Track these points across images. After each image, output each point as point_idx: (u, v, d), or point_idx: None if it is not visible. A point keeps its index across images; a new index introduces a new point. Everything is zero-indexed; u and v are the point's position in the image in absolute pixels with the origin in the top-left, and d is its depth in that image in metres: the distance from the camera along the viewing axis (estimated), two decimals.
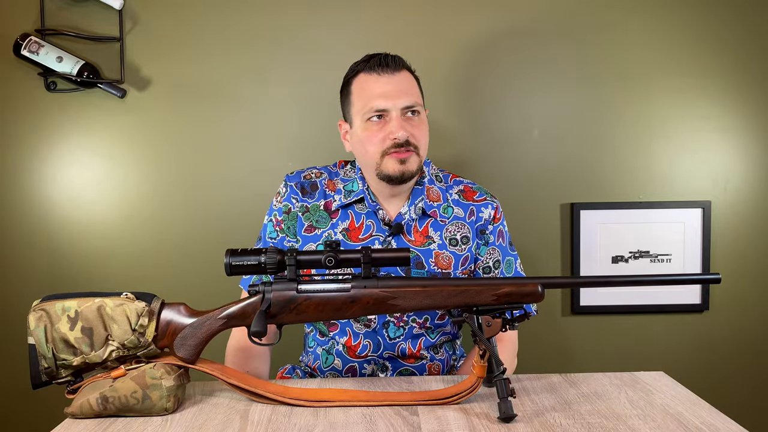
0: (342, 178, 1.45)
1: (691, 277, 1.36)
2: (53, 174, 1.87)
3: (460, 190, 1.47)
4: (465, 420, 1.06)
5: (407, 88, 1.36)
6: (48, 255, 1.88)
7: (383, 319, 1.39)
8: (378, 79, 1.36)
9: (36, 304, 1.12)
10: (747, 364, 1.99)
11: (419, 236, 1.41)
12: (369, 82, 1.37)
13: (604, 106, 1.92)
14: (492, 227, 1.45)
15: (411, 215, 1.41)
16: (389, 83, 1.35)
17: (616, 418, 1.05)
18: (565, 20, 1.89)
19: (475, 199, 1.46)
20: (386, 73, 1.36)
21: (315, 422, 1.06)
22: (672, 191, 1.94)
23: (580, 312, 1.95)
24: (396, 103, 1.34)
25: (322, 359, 1.44)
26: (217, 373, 1.15)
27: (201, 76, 1.87)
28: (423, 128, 1.39)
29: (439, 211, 1.42)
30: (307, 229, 1.42)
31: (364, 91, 1.37)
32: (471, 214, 1.44)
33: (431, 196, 1.43)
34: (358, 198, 1.41)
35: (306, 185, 1.44)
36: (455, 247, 1.41)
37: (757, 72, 1.92)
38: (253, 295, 1.14)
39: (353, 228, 1.41)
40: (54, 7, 1.82)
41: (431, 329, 1.42)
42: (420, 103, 1.38)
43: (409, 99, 1.35)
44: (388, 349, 1.40)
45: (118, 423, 1.07)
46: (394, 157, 1.34)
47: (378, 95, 1.35)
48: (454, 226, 1.42)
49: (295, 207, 1.43)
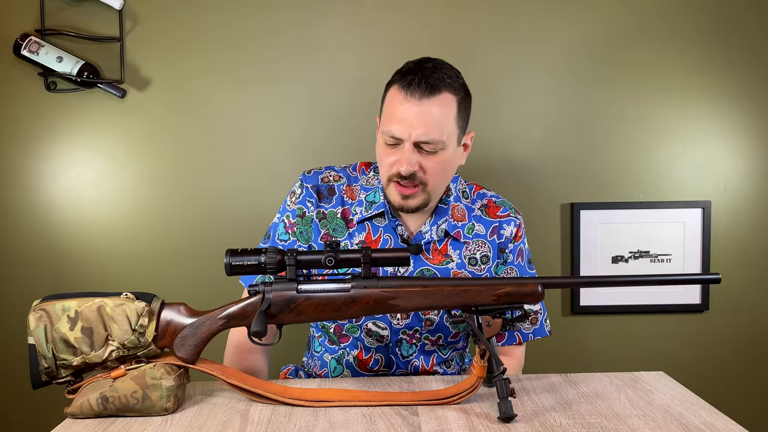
0: (363, 186, 1.38)
1: (691, 277, 1.36)
2: (53, 174, 1.87)
3: (483, 204, 1.40)
4: (465, 420, 1.06)
5: (432, 121, 1.22)
6: (48, 255, 1.88)
7: (396, 337, 1.36)
8: (404, 101, 1.24)
9: (36, 304, 1.12)
10: (747, 364, 1.99)
11: (438, 255, 1.35)
12: (396, 100, 1.25)
13: (605, 106, 1.92)
14: (513, 246, 1.39)
15: (432, 236, 1.34)
16: (413, 109, 1.23)
17: (616, 418, 1.05)
18: (565, 20, 1.89)
19: (498, 214, 1.39)
20: (414, 97, 1.23)
21: (315, 422, 1.06)
22: (672, 191, 1.94)
23: (580, 312, 1.95)
24: (411, 134, 1.23)
25: (330, 367, 1.41)
26: (217, 373, 1.15)
27: (201, 76, 1.87)
28: (439, 165, 1.26)
29: (463, 231, 1.36)
30: (323, 237, 1.36)
31: (389, 108, 1.27)
32: (493, 232, 1.38)
33: (456, 215, 1.36)
34: (380, 211, 1.35)
35: (323, 189, 1.38)
36: (474, 266, 1.36)
37: (757, 72, 1.92)
38: (253, 295, 1.14)
39: (370, 241, 1.35)
40: (54, 7, 1.82)
41: (444, 346, 1.40)
42: (440, 140, 1.23)
43: (427, 134, 1.22)
44: (401, 367, 1.38)
45: (118, 423, 1.07)
46: (398, 189, 1.28)
47: (397, 119, 1.24)
48: (474, 245, 1.36)
49: (310, 211, 1.38)
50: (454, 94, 1.26)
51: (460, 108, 1.27)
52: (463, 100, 1.29)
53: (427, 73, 1.24)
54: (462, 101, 1.28)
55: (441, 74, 1.25)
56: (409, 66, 1.28)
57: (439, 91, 1.24)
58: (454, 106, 1.26)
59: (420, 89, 1.23)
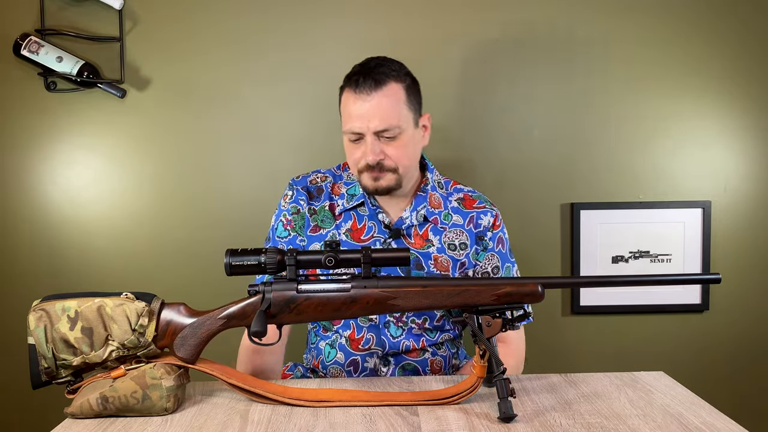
0: (345, 181, 1.48)
1: (691, 277, 1.37)
2: (53, 174, 1.87)
3: (460, 198, 1.48)
4: (465, 420, 1.06)
5: (384, 110, 1.33)
6: (48, 255, 1.88)
7: (384, 319, 1.40)
8: (356, 99, 1.34)
9: (36, 304, 1.12)
10: (747, 364, 1.99)
11: (419, 239, 1.43)
12: (349, 100, 1.36)
13: (605, 106, 1.92)
14: (491, 234, 1.46)
15: (412, 220, 1.43)
16: (365, 104, 1.33)
17: (616, 418, 1.05)
18: (565, 20, 1.89)
19: (475, 206, 1.47)
20: (363, 93, 1.33)
21: (315, 422, 1.06)
22: (672, 191, 1.94)
23: (580, 312, 1.95)
24: (369, 126, 1.33)
25: (324, 353, 1.44)
26: (217, 373, 1.15)
27: (201, 76, 1.87)
28: (402, 148, 1.36)
29: (440, 218, 1.45)
30: (312, 230, 1.44)
31: (345, 110, 1.38)
32: (470, 222, 1.46)
33: (433, 203, 1.45)
34: (359, 202, 1.44)
35: (312, 189, 1.47)
36: (453, 252, 1.43)
37: (757, 72, 1.92)
38: (253, 295, 1.14)
39: (356, 229, 1.43)
40: (54, 7, 1.82)
41: (430, 330, 1.43)
42: (396, 125, 1.34)
43: (383, 123, 1.33)
44: (392, 347, 1.40)
45: (118, 423, 1.07)
46: (368, 175, 1.37)
47: (354, 117, 1.35)
48: (453, 233, 1.44)
49: (304, 208, 1.46)
50: (399, 83, 1.36)
51: (408, 93, 1.37)
52: (410, 86, 1.38)
53: (371, 70, 1.35)
54: (409, 88, 1.38)
55: (384, 68, 1.35)
56: (355, 69, 1.38)
57: (385, 83, 1.34)
58: (402, 93, 1.36)
59: (367, 85, 1.33)
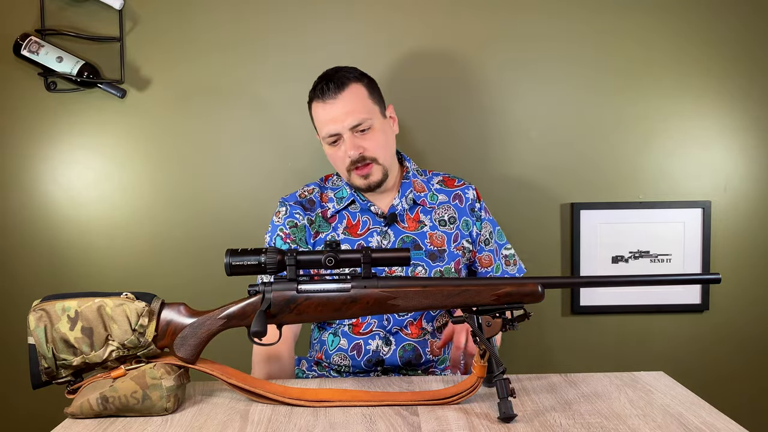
0: (331, 188, 1.57)
1: (691, 277, 1.37)
2: (53, 174, 1.87)
3: (440, 180, 1.60)
4: (465, 420, 1.06)
5: (352, 107, 1.44)
6: (48, 255, 1.88)
7: None
8: (324, 105, 1.45)
9: (36, 304, 1.12)
10: (747, 364, 1.99)
11: (412, 222, 1.53)
12: (318, 109, 1.47)
13: (604, 106, 1.92)
14: (479, 204, 1.58)
15: (403, 206, 1.52)
16: (334, 107, 1.44)
17: (616, 418, 1.05)
18: (564, 20, 1.89)
19: (456, 185, 1.59)
20: (330, 98, 1.44)
21: (315, 422, 1.06)
22: (672, 191, 1.94)
23: (580, 312, 1.95)
24: (344, 125, 1.43)
25: (328, 342, 1.49)
26: (217, 373, 1.15)
27: (201, 76, 1.87)
28: (377, 138, 1.46)
29: (427, 199, 1.55)
30: (314, 236, 1.52)
31: (318, 119, 1.48)
32: (455, 198, 1.57)
33: (417, 188, 1.55)
34: (349, 201, 1.52)
35: (304, 202, 1.55)
36: (444, 227, 1.53)
37: (757, 72, 1.92)
38: (253, 295, 1.14)
39: (351, 225, 1.51)
40: (54, 7, 1.82)
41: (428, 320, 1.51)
42: (367, 117, 1.44)
43: (355, 118, 1.43)
44: (396, 324, 1.47)
45: (118, 423, 1.07)
46: (357, 174, 1.47)
47: (327, 121, 1.45)
48: (441, 209, 1.55)
49: (301, 220, 1.52)
50: (359, 82, 1.47)
51: (369, 90, 1.48)
52: (369, 84, 1.49)
53: (331, 77, 1.46)
54: (368, 85, 1.49)
55: (342, 73, 1.47)
56: (316, 82, 1.49)
57: (347, 84, 1.45)
58: (363, 90, 1.47)
59: (331, 90, 1.44)
